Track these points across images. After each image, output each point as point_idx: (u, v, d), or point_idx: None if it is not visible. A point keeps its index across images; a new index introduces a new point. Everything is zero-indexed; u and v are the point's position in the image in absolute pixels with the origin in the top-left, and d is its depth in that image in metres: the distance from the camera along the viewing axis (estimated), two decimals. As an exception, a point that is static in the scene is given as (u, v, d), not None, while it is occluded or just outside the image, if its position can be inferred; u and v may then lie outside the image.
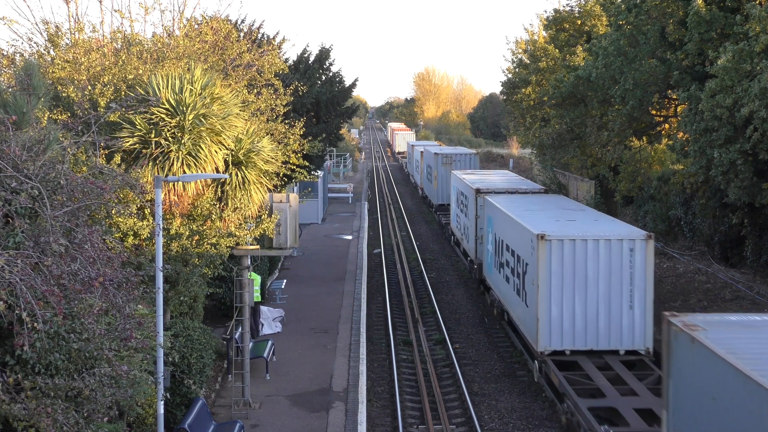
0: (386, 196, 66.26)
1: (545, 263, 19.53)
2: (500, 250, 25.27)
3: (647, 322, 19.66)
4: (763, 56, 23.13)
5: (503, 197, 28.54)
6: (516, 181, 35.44)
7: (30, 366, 9.03)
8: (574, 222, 22.03)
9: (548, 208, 25.20)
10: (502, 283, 24.85)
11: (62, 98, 16.74)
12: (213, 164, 16.21)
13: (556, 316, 19.57)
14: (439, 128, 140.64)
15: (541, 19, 52.94)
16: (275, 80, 23.66)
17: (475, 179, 35.08)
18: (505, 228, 24.42)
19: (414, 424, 18.88)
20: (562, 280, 19.57)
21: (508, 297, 23.93)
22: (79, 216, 9.71)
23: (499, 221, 25.70)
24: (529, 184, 34.34)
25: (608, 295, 19.54)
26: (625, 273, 19.55)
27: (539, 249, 19.54)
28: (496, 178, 37.23)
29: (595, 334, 19.64)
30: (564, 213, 23.84)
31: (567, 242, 19.64)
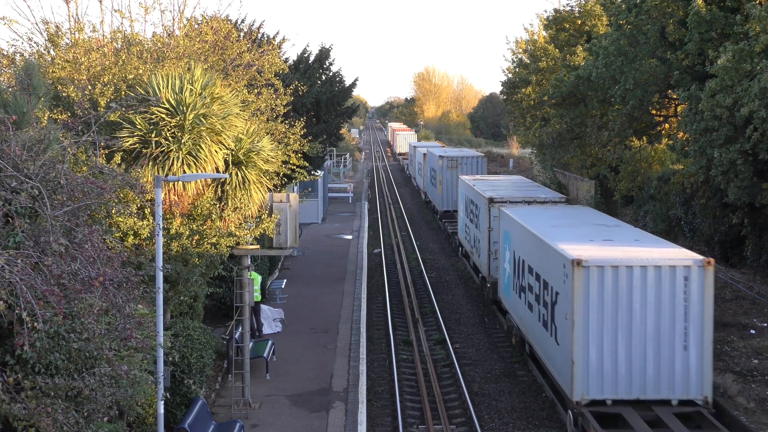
0: (386, 196, 66.25)
1: (582, 295, 16.53)
2: (521, 271, 22.27)
3: (705, 366, 16.62)
4: (763, 56, 23.14)
5: (521, 209, 25.39)
6: (532, 188, 32.06)
7: (30, 366, 9.04)
8: (611, 242, 18.87)
9: (576, 222, 22.02)
10: (524, 310, 21.93)
11: (62, 98, 16.73)
12: (213, 164, 16.20)
13: (596, 359, 16.57)
14: (439, 128, 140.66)
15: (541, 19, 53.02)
16: (275, 80, 23.65)
17: (486, 186, 32.01)
18: (527, 246, 21.51)
19: (414, 424, 18.88)
20: (603, 315, 16.57)
21: (532, 328, 20.93)
22: (79, 216, 9.71)
23: (518, 237, 22.72)
24: (547, 192, 30.77)
25: (658, 333, 16.59)
26: (678, 306, 16.54)
27: (575, 277, 16.55)
28: (509, 184, 33.90)
29: (642, 380, 16.63)
30: (596, 230, 20.60)
31: (608, 270, 16.58)
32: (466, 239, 34.37)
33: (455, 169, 46.06)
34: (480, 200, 29.90)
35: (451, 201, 45.14)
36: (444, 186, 46.56)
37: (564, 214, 23.90)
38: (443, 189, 46.64)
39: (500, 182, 34.96)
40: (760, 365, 20.71)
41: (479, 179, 36.00)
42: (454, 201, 43.57)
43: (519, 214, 23.78)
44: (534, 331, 20.67)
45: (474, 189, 31.63)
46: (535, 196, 28.85)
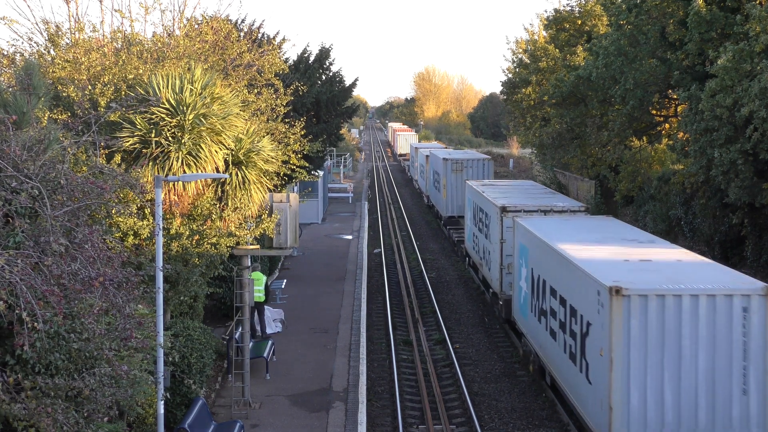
0: (386, 196, 66.26)
1: (622, 328, 14.14)
2: (541, 292, 19.80)
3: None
4: (763, 56, 23.14)
5: (538, 220, 23.14)
6: (547, 195, 29.38)
7: (30, 366, 9.03)
8: (649, 263, 16.35)
9: (604, 237, 19.55)
10: (545, 336, 19.51)
11: (62, 98, 16.73)
12: (213, 164, 16.20)
13: (638, 405, 14.20)
14: (440, 128, 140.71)
15: (541, 19, 53.05)
16: (275, 80, 23.65)
17: (496, 192, 29.57)
18: (549, 264, 19.07)
19: (414, 424, 18.88)
20: (646, 353, 14.20)
21: (556, 359, 18.48)
22: (79, 216, 9.71)
23: (537, 253, 20.29)
24: (564, 200, 27.93)
25: (711, 374, 14.19)
26: (735, 343, 14.11)
27: (613, 308, 14.13)
28: (521, 190, 31.28)
29: (693, 429, 14.25)
30: (629, 247, 18.19)
31: (653, 299, 14.16)
32: (474, 249, 31.74)
33: (460, 173, 43.37)
34: (491, 209, 27.45)
35: (455, 206, 42.99)
36: (448, 190, 44.01)
37: (587, 227, 21.56)
38: (447, 193, 44.08)
39: (511, 188, 32.21)
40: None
41: (488, 185, 33.39)
42: (459, 206, 41.65)
43: (537, 226, 21.37)
44: (558, 362, 18.18)
45: (483, 196, 29.23)
46: (551, 204, 26.22)
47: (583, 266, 16.17)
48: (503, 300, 25.18)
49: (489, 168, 44.40)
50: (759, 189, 24.90)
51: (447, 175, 43.96)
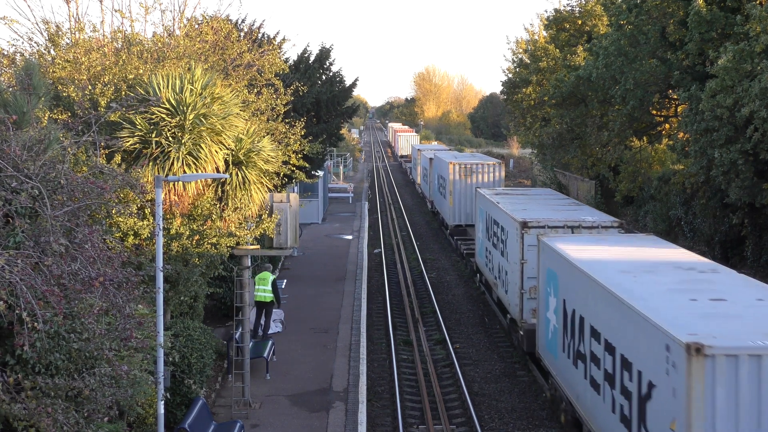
0: (387, 196, 66.27)
1: (705, 398, 10.69)
2: (577, 330, 16.22)
3: None
4: (764, 56, 23.15)
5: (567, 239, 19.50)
6: (571, 207, 25.72)
7: (30, 366, 9.03)
8: (724, 304, 12.93)
9: (653, 265, 15.81)
10: (583, 385, 15.77)
11: (63, 98, 16.73)
12: (213, 164, 16.21)
13: None
14: (440, 128, 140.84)
15: (541, 19, 53.05)
16: (275, 80, 23.65)
17: (512, 204, 26.08)
18: (588, 298, 15.38)
19: (414, 424, 18.87)
20: (737, 428, 10.74)
21: (599, 416, 14.81)
22: (79, 216, 9.71)
23: (571, 282, 16.65)
24: (593, 214, 23.96)
25: None
26: None
27: (693, 371, 10.69)
28: (540, 200, 27.75)
29: None
30: (689, 279, 14.63)
31: (744, 360, 10.74)
32: (487, 267, 28.15)
33: (468, 178, 40.17)
34: (508, 223, 24.05)
35: (463, 214, 40.07)
36: (455, 197, 40.47)
37: (628, 250, 17.96)
38: (455, 200, 40.57)
39: (528, 198, 28.64)
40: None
41: (502, 194, 29.90)
42: (467, 214, 39.23)
43: (568, 247, 17.90)
44: (604, 424, 14.50)
45: (498, 208, 25.83)
46: (579, 219, 22.67)
47: (640, 309, 12.62)
48: (524, 330, 21.77)
49: (499, 173, 40.83)
50: (759, 189, 24.90)
51: (453, 180, 40.55)
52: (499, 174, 40.61)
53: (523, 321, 22.13)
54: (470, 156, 50.38)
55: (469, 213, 38.76)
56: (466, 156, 50.01)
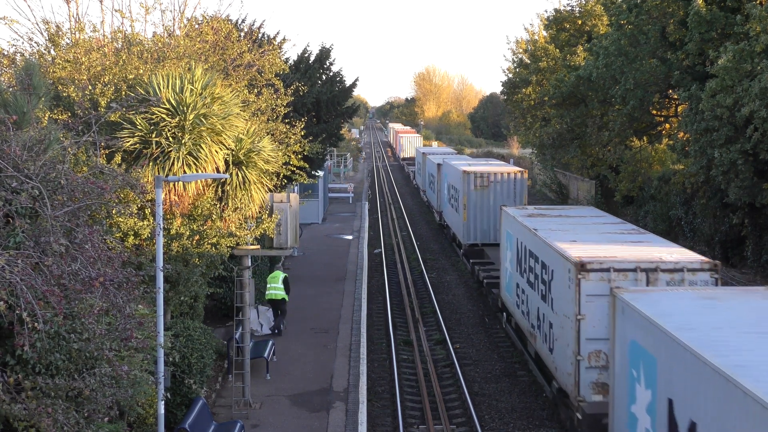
0: (387, 196, 66.27)
1: None
2: None
3: None
4: (764, 56, 23.15)
5: (651, 295, 13.77)
6: (634, 237, 19.33)
7: (30, 366, 9.03)
8: None
9: None
10: None
11: (63, 98, 16.73)
12: (213, 164, 16.20)
13: None
14: (440, 128, 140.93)
15: (541, 19, 53.05)
16: (276, 80, 23.65)
17: (556, 231, 20.12)
18: (727, 413, 9.50)
19: (414, 424, 18.87)
20: None
21: None
22: (79, 216, 9.71)
23: (684, 377, 10.81)
24: (667, 247, 18.09)
25: None
26: None
27: None
28: (589, 225, 21.47)
29: None
30: None
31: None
32: (519, 309, 22.21)
33: (485, 190, 34.49)
34: (552, 258, 18.39)
35: (479, 232, 34.57)
36: (470, 211, 34.83)
37: (751, 316, 12.04)
38: (469, 215, 34.84)
39: (571, 221, 22.12)
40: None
41: (538, 216, 23.34)
42: (484, 232, 34.31)
43: (661, 312, 12.17)
44: None
45: (536, 236, 20.14)
46: (653, 257, 16.61)
47: None
48: (584, 412, 15.94)
49: (521, 185, 34.55)
50: (759, 189, 24.91)
51: (468, 192, 34.78)
52: (520, 187, 34.43)
53: (580, 398, 16.24)
54: (486, 162, 43.12)
55: (486, 230, 33.85)
56: (481, 163, 42.31)
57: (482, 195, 34.57)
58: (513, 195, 34.21)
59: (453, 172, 39.24)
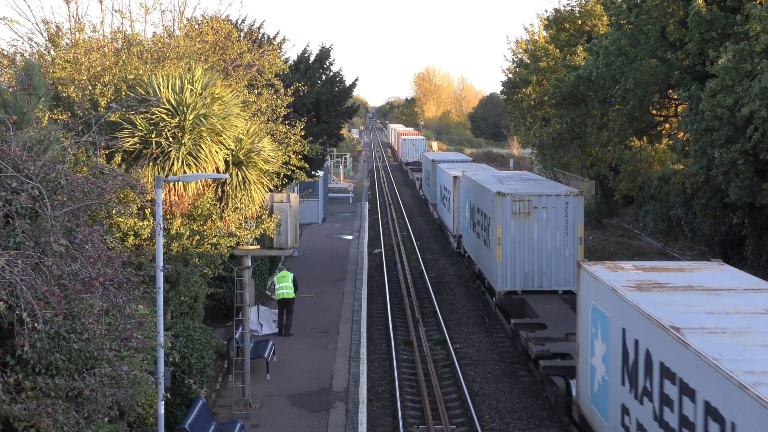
0: (387, 196, 66.26)
1: None
2: None
3: None
4: (764, 56, 23.14)
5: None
6: None
7: (30, 366, 9.03)
8: None
9: None
10: None
11: (63, 98, 16.73)
12: (213, 164, 16.20)
13: None
14: (440, 128, 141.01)
15: (541, 19, 53.04)
16: (276, 80, 23.65)
17: (719, 332, 11.35)
18: None
19: (414, 424, 18.87)
20: None
21: None
22: (79, 216, 9.71)
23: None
24: None
25: None
26: None
27: None
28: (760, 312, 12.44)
29: None
30: None
31: None
32: None
33: (528, 218, 25.53)
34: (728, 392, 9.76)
35: (520, 275, 25.50)
36: (507, 248, 25.54)
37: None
38: (505, 253, 25.54)
39: (718, 300, 13.23)
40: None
41: (660, 290, 14.03)
42: (526, 275, 25.48)
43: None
44: None
45: (701, 357, 10.53)
46: None
47: None
48: None
49: (576, 212, 25.51)
50: (759, 189, 24.90)
51: (504, 220, 25.65)
52: (576, 210, 25.50)
53: None
54: (521, 180, 31.43)
55: (528, 273, 25.41)
56: (516, 180, 31.36)
57: (524, 225, 25.60)
58: (565, 225, 25.48)
59: (479, 191, 30.44)
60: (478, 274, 31.31)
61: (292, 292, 23.43)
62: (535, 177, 33.90)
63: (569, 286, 24.70)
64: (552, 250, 25.32)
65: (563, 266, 25.28)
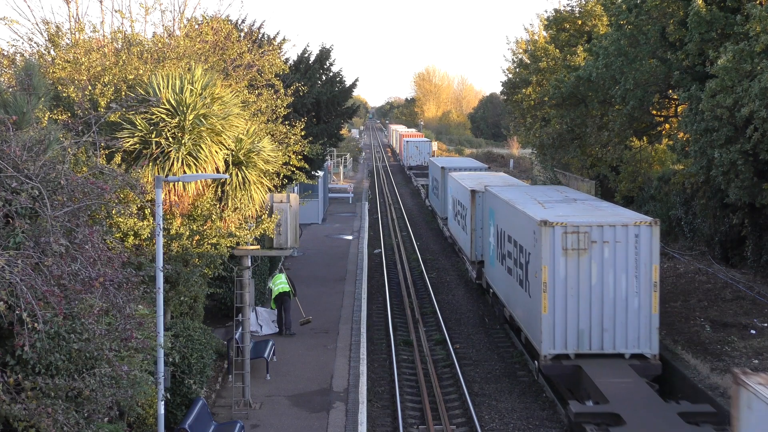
0: (387, 196, 66.25)
1: None
2: None
3: None
4: (764, 56, 23.13)
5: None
6: None
7: (30, 366, 9.03)
8: None
9: None
10: None
11: (63, 98, 16.73)
12: (213, 164, 16.20)
13: None
14: (440, 128, 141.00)
15: (541, 19, 53.01)
16: (276, 81, 23.65)
17: None
18: None
19: (414, 425, 18.87)
20: None
21: None
22: (79, 216, 9.71)
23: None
24: None
25: None
26: None
27: None
28: None
29: None
30: None
31: None
32: None
33: (584, 256, 19.61)
34: None
35: (574, 332, 19.68)
36: (557, 295, 19.71)
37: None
38: (554, 303, 19.70)
39: None
40: (760, 365, 20.70)
41: None
42: (582, 333, 19.63)
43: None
44: None
45: None
46: None
47: None
48: None
49: (650, 243, 19.66)
50: (759, 189, 24.88)
51: (552, 258, 19.64)
52: (650, 245, 19.60)
53: None
54: (568, 200, 24.13)
55: (584, 330, 19.56)
56: (560, 200, 24.21)
57: (579, 265, 19.57)
58: (636, 265, 19.51)
59: (510, 213, 23.78)
60: (508, 320, 24.96)
61: (287, 285, 23.65)
62: (580, 195, 26.57)
63: (640, 348, 19.36)
64: (616, 298, 19.45)
65: (632, 321, 19.40)
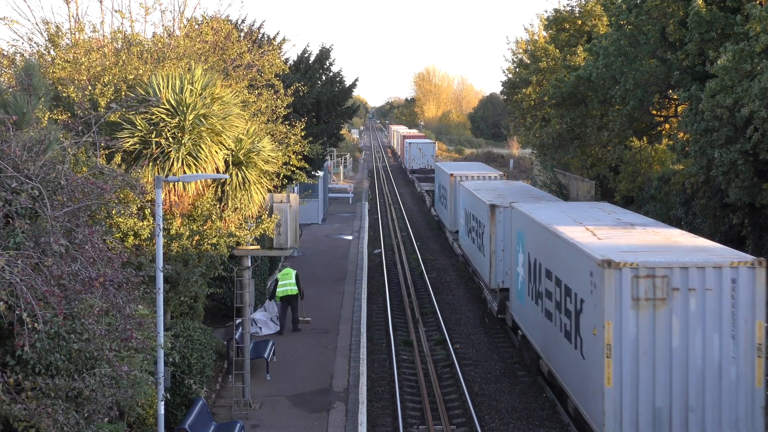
0: (387, 196, 66.24)
1: None
2: None
3: None
4: (764, 56, 23.13)
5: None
6: None
7: (30, 366, 9.03)
8: None
9: None
10: None
11: (62, 98, 16.73)
12: (213, 164, 16.20)
13: None
14: (440, 128, 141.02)
15: (541, 19, 53.04)
16: (276, 81, 23.66)
17: None
18: None
19: (414, 425, 18.87)
20: None
21: None
22: (79, 216, 9.71)
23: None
24: None
25: None
26: None
27: None
28: None
29: None
30: None
31: None
32: None
33: (663, 307, 14.25)
34: None
35: (646, 415, 14.29)
36: (623, 358, 14.34)
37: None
38: (620, 371, 14.31)
39: None
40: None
41: None
42: (657, 416, 14.31)
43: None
44: None
45: None
46: None
47: None
48: None
49: (753, 291, 14.26)
50: (759, 189, 24.89)
51: (617, 309, 14.27)
52: (754, 294, 14.31)
53: None
54: (627, 226, 18.68)
55: (662, 408, 14.43)
56: (613, 222, 19.21)
57: (655, 320, 14.40)
58: (732, 321, 14.44)
59: (551, 243, 18.59)
60: (545, 376, 19.70)
61: (296, 288, 23.61)
62: (637, 218, 20.17)
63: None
64: (706, 367, 14.44)
65: (727, 397, 14.44)
